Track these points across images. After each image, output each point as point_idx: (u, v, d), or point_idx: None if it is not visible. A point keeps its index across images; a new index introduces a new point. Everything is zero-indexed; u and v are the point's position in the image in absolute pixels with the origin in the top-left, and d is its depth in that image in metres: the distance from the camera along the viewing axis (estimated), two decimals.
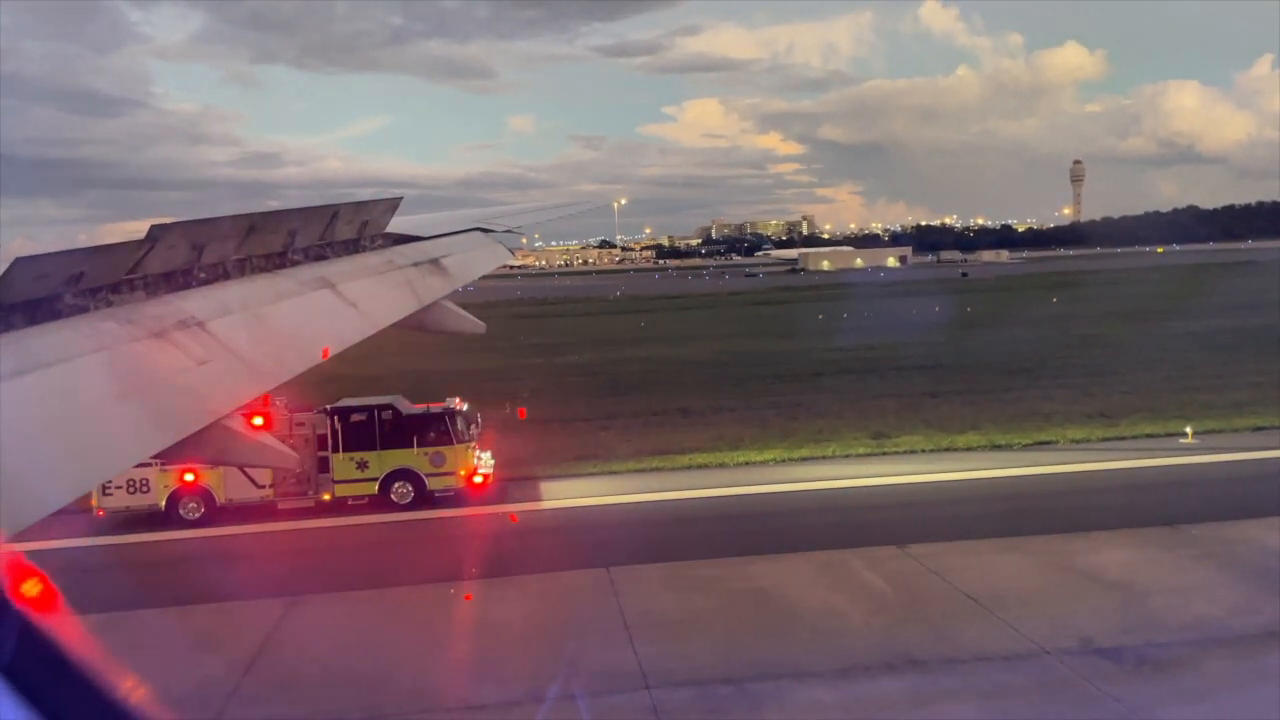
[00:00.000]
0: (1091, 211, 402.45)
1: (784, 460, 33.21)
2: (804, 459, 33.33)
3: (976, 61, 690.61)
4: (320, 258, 6.75)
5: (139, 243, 4.38)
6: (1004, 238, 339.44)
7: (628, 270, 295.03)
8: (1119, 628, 18.45)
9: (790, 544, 24.14)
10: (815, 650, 18.08)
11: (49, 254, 3.85)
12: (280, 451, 5.64)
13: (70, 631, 1.97)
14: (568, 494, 30.07)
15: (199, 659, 18.70)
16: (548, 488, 30.57)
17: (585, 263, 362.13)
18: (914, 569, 22.18)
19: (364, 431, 29.33)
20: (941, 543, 23.67)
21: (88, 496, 27.32)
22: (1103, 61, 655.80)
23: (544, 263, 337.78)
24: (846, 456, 33.48)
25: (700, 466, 32.77)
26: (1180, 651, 17.41)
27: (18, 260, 3.63)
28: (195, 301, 4.75)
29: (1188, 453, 32.12)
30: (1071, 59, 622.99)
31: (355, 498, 29.21)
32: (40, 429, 3.22)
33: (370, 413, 29.63)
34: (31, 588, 1.95)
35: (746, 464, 32.93)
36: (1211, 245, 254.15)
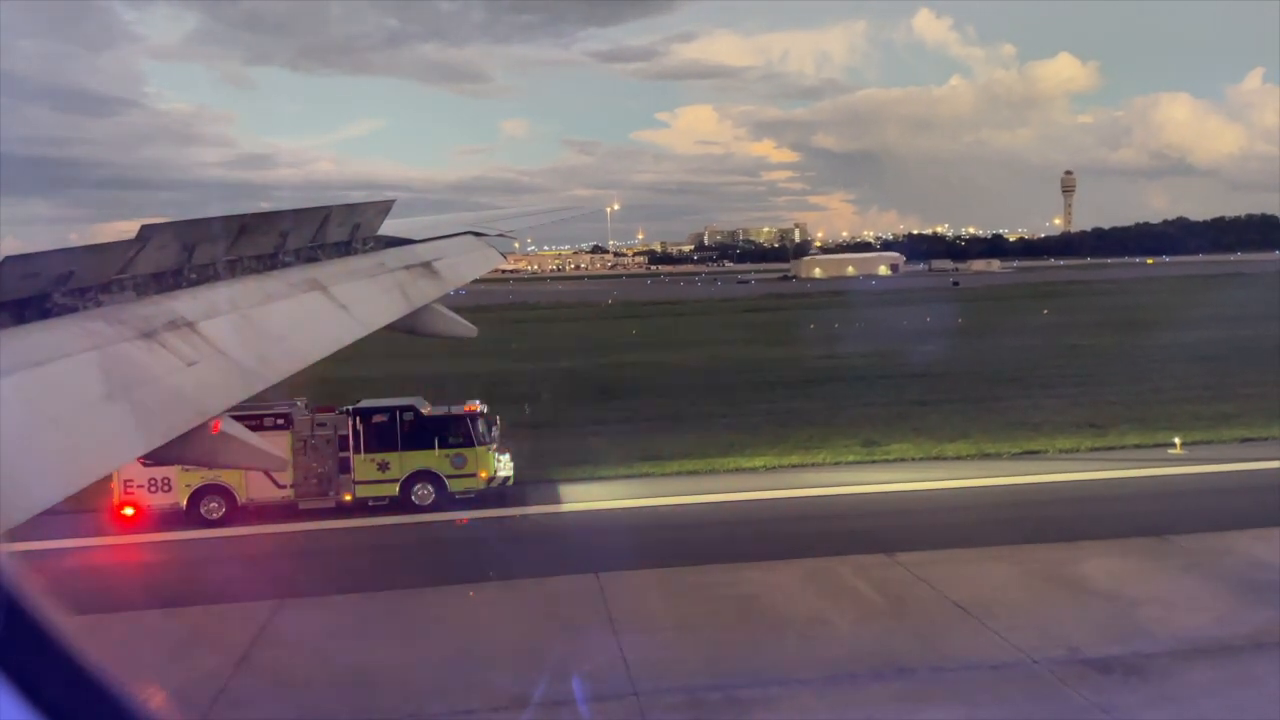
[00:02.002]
0: (1082, 222, 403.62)
1: (774, 467, 33.22)
2: (794, 466, 33.36)
3: (969, 72, 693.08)
4: (312, 259, 6.74)
5: (129, 243, 4.37)
6: (995, 247, 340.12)
7: (620, 276, 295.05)
8: (1106, 637, 18.50)
9: (779, 551, 24.16)
10: (803, 657, 18.09)
11: (39, 253, 3.84)
12: (269, 454, 5.63)
13: (59, 618, 1.97)
14: (556, 499, 30.05)
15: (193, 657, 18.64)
16: (538, 493, 30.52)
17: (577, 268, 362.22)
18: (903, 577, 22.20)
19: (385, 433, 29.42)
20: (930, 551, 23.70)
21: (110, 495, 27.44)
22: (1095, 73, 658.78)
23: (536, 267, 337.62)
24: (836, 464, 33.53)
25: (690, 473, 32.77)
26: (1167, 661, 17.46)
27: (7, 259, 3.62)
28: (185, 302, 4.73)
29: (1176, 463, 32.25)
30: (1064, 70, 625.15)
31: (376, 499, 29.26)
32: (28, 428, 3.21)
33: (392, 414, 29.71)
34: (21, 576, 1.95)
35: (737, 470, 32.95)
36: (1201, 257, 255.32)
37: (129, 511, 27.95)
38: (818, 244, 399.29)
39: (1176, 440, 34.16)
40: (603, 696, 16.74)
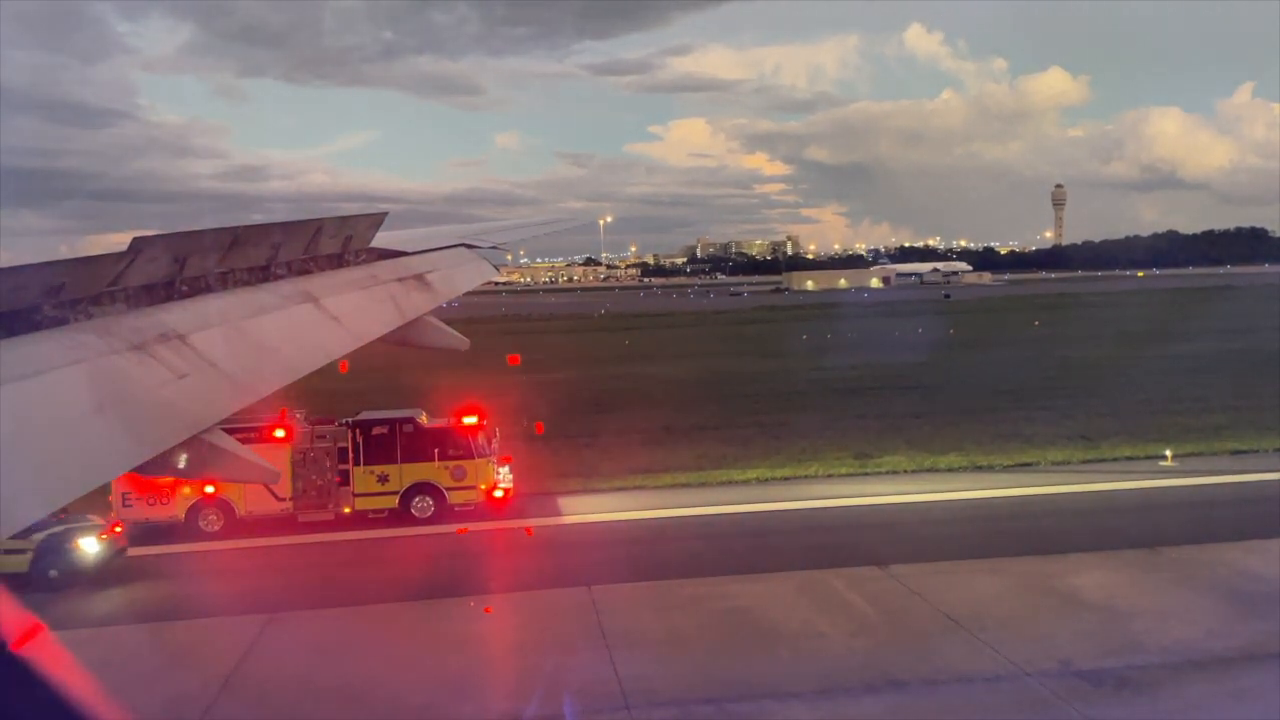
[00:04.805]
0: (1073, 235, 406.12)
1: (766, 480, 33.22)
2: (786, 478, 33.35)
3: (961, 85, 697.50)
4: (304, 272, 6.72)
5: (120, 255, 4.35)
6: (986, 260, 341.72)
7: (613, 288, 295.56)
8: (1098, 649, 18.51)
9: (772, 564, 24.13)
10: (796, 670, 18.05)
11: (28, 265, 3.82)
12: (263, 467, 5.59)
13: (42, 647, 1.95)
14: (549, 512, 29.99)
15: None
16: (533, 505, 30.46)
17: (570, 280, 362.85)
18: (895, 589, 22.19)
19: (385, 444, 29.35)
20: (923, 563, 23.71)
21: (108, 508, 27.34)
22: (1086, 87, 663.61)
23: (529, 279, 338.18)
24: (829, 476, 33.54)
25: (683, 485, 32.75)
26: (1159, 674, 17.47)
27: None
28: (176, 314, 4.71)
29: (1167, 475, 32.35)
30: (1055, 84, 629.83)
31: (375, 511, 29.20)
32: (16, 442, 3.19)
33: (391, 426, 29.63)
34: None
35: (729, 483, 32.93)
36: (1191, 269, 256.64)
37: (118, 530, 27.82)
38: (810, 256, 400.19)
39: (1167, 452, 34.27)
40: (595, 711, 16.67)
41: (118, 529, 25.78)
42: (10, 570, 23.46)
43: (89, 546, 24.24)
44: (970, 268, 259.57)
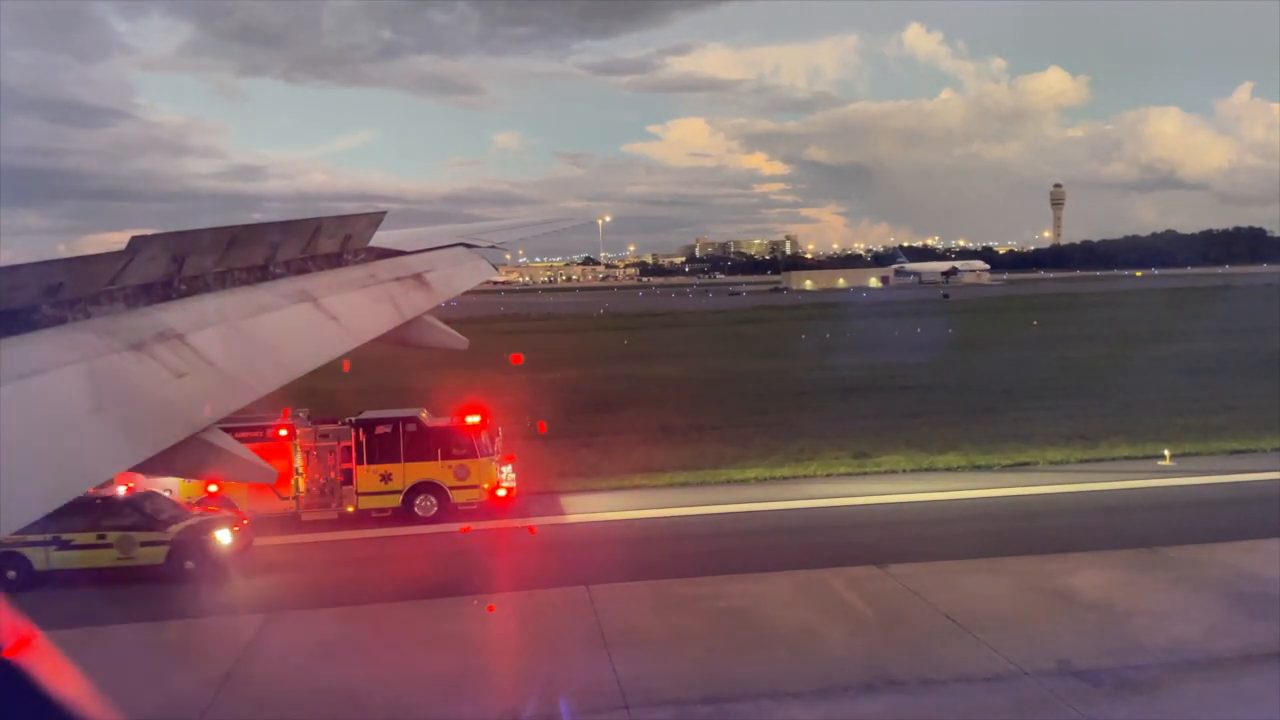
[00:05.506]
0: (1072, 235, 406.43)
1: (765, 479, 33.23)
2: (785, 478, 33.36)
3: (960, 85, 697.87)
4: (302, 271, 6.72)
5: (118, 254, 4.34)
6: (985, 259, 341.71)
7: (611, 287, 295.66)
8: (1097, 649, 18.51)
9: (770, 563, 24.13)
10: (794, 670, 18.05)
11: (25, 264, 3.82)
12: (261, 467, 5.59)
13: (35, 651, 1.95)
14: (548, 511, 29.99)
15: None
16: (532, 504, 30.45)
17: (569, 279, 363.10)
18: (894, 589, 22.19)
19: (388, 444, 29.44)
20: (921, 563, 23.71)
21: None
22: (1085, 87, 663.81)
23: (528, 279, 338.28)
24: (828, 476, 33.55)
25: (682, 484, 32.74)
26: (1157, 674, 17.47)
27: None
28: (175, 314, 4.71)
29: (1165, 475, 32.35)
30: (1054, 84, 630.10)
31: (378, 510, 29.28)
32: (14, 441, 3.18)
33: (395, 425, 29.71)
34: None
35: (728, 483, 32.93)
36: (1190, 269, 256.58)
37: None
38: (809, 256, 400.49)
39: (1166, 452, 34.28)
40: (594, 710, 16.67)
41: (246, 521, 26.30)
42: (147, 562, 24.13)
43: (224, 539, 24.62)
44: (989, 267, 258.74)
